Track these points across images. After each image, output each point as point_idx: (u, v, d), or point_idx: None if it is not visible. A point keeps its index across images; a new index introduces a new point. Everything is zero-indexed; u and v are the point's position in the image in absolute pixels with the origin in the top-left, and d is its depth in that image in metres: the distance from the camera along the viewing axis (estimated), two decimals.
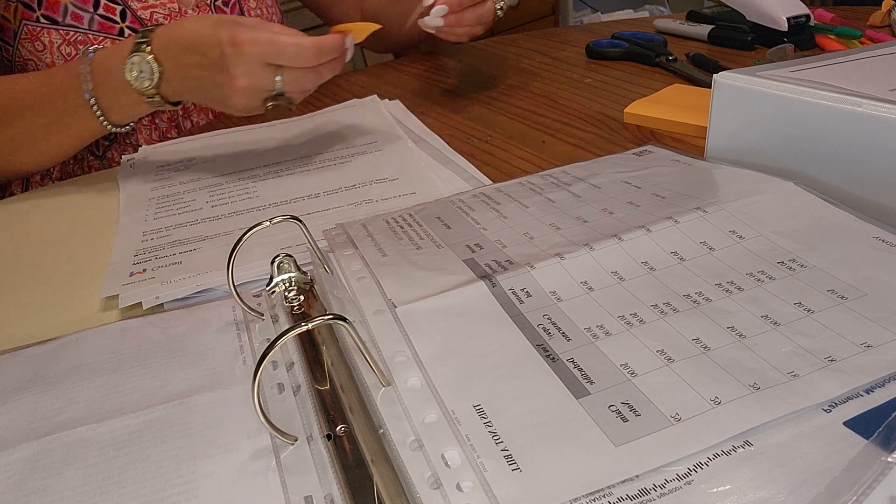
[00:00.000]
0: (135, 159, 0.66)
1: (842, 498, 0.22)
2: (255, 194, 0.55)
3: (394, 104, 0.71)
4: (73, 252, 0.50)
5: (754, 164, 0.44)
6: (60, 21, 0.66)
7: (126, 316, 0.41)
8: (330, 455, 0.27)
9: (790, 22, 0.73)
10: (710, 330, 0.30)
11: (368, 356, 0.29)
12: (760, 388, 0.27)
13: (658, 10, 2.24)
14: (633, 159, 0.50)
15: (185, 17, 0.66)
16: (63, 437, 0.30)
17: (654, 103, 0.62)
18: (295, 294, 0.37)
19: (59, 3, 0.66)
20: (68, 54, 0.68)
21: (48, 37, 0.66)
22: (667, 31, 0.88)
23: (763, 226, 0.37)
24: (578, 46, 0.86)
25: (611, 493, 0.24)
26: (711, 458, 0.24)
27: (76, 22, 0.67)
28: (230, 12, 0.75)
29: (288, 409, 0.30)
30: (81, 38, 0.67)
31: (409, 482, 0.25)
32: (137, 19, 0.68)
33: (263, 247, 0.44)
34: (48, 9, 0.66)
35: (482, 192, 0.48)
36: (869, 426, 0.24)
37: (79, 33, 0.67)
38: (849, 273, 0.32)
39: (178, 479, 0.28)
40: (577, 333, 0.31)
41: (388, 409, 0.28)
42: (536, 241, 0.39)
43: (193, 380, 0.33)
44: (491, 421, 0.27)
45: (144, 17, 0.69)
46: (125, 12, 0.68)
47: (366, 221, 0.45)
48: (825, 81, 0.42)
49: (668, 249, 0.36)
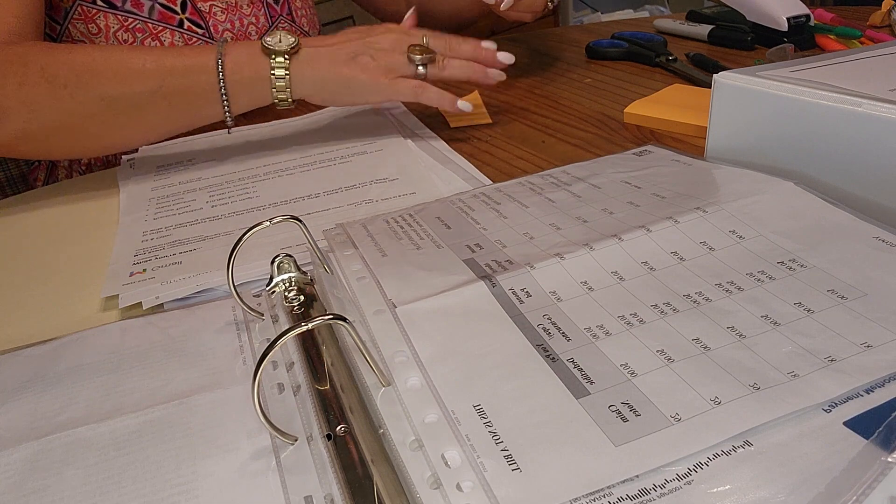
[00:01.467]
0: (135, 159, 0.66)
1: (842, 498, 0.22)
2: (255, 194, 0.55)
3: (394, 104, 0.71)
4: (73, 252, 0.50)
5: (754, 164, 0.44)
6: (119, 6, 0.65)
7: (126, 316, 0.41)
8: (330, 455, 0.27)
9: (790, 22, 0.73)
10: (710, 330, 0.30)
11: (368, 356, 0.29)
12: (760, 388, 0.27)
13: (658, 10, 2.24)
14: (633, 159, 0.50)
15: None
16: (63, 437, 0.30)
17: (654, 103, 0.62)
18: (295, 294, 0.37)
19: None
20: (125, 41, 0.68)
21: (104, 20, 0.65)
22: (667, 31, 0.88)
23: (763, 226, 0.37)
24: (578, 46, 0.86)
25: (611, 493, 0.24)
26: (711, 458, 0.24)
27: (136, 9, 0.66)
28: (279, 9, 0.75)
29: (288, 409, 0.30)
30: (140, 27, 0.66)
31: (409, 482, 0.25)
32: (196, 11, 0.68)
33: (263, 247, 0.44)
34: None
35: (482, 192, 0.48)
36: (869, 426, 0.24)
37: (138, 21, 0.66)
38: (849, 273, 0.32)
39: (178, 479, 0.28)
40: (577, 333, 0.31)
41: (388, 409, 0.28)
42: (536, 241, 0.39)
43: (193, 380, 0.33)
44: (491, 421, 0.27)
45: (203, 9, 0.69)
46: (185, 3, 0.68)
47: (366, 221, 0.45)
48: (825, 81, 0.42)
49: (668, 249, 0.36)
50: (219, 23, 0.68)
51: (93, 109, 0.55)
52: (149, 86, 0.55)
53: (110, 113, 0.55)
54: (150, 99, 0.55)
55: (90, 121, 0.55)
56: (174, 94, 0.56)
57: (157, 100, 0.55)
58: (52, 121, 0.54)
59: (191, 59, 0.56)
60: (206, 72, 0.56)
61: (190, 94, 0.56)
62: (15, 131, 0.54)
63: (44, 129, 0.54)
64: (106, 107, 0.55)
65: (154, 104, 0.56)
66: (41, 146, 0.57)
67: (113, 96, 0.54)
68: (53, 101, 0.53)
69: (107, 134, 0.57)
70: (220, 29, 0.68)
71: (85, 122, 0.55)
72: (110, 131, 0.57)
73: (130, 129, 0.58)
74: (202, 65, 0.56)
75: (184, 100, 0.56)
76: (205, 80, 0.56)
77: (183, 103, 0.57)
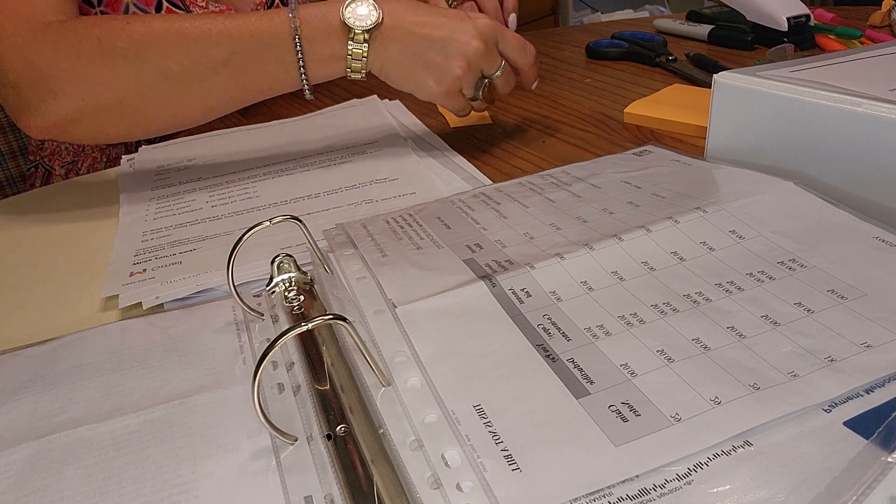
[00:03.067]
0: (135, 159, 0.66)
1: (842, 498, 0.22)
2: (255, 194, 0.55)
3: (394, 104, 0.71)
4: (73, 252, 0.50)
5: (754, 164, 0.44)
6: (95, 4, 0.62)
7: (126, 316, 0.41)
8: (330, 455, 0.27)
9: (790, 22, 0.73)
10: (710, 330, 0.30)
11: (368, 356, 0.29)
12: (760, 388, 0.27)
13: (658, 10, 2.24)
14: (633, 159, 0.50)
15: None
16: (63, 437, 0.30)
17: (654, 103, 0.62)
18: (295, 294, 0.37)
19: (122, 2, 0.62)
20: None
21: None
22: (667, 31, 0.88)
23: (763, 226, 0.37)
24: (578, 46, 0.86)
25: (611, 493, 0.24)
26: (711, 458, 0.24)
27: (110, 11, 0.63)
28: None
29: (288, 409, 0.30)
30: None
31: (409, 482, 0.25)
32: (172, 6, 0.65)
33: (263, 247, 0.44)
34: (108, 6, 0.62)
35: (482, 192, 0.48)
36: (869, 426, 0.24)
37: None
38: (849, 273, 0.32)
39: (178, 479, 0.28)
40: (577, 333, 0.31)
41: (388, 409, 0.28)
42: (536, 241, 0.39)
43: (193, 380, 0.33)
44: (491, 421, 0.27)
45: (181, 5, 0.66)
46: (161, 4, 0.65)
47: (366, 221, 0.45)
48: (825, 81, 0.42)
49: (668, 249, 0.36)
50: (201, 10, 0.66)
51: (154, 83, 0.51)
52: (216, 56, 0.51)
53: (173, 86, 0.52)
54: (218, 70, 0.51)
55: (151, 95, 0.52)
56: (245, 66, 0.52)
57: (225, 71, 0.51)
58: (111, 97, 0.51)
59: (262, 28, 0.51)
60: (280, 45, 0.52)
61: (263, 67, 0.52)
62: (70, 110, 0.50)
63: (101, 107, 0.51)
64: (168, 80, 0.51)
65: (221, 76, 0.52)
66: (97, 127, 0.53)
67: (176, 69, 0.51)
68: (112, 76, 0.50)
69: (168, 109, 0.53)
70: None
71: (145, 98, 0.52)
72: (172, 106, 0.53)
73: (194, 104, 0.54)
74: (273, 35, 0.51)
75: (256, 72, 0.53)
76: (280, 52, 0.52)
77: (254, 75, 0.53)
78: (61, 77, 0.50)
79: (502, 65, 0.55)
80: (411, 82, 0.55)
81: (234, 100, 0.55)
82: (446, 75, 0.53)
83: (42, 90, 0.50)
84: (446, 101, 0.56)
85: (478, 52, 0.53)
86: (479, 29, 0.53)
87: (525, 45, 0.57)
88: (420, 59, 0.53)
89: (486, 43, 0.53)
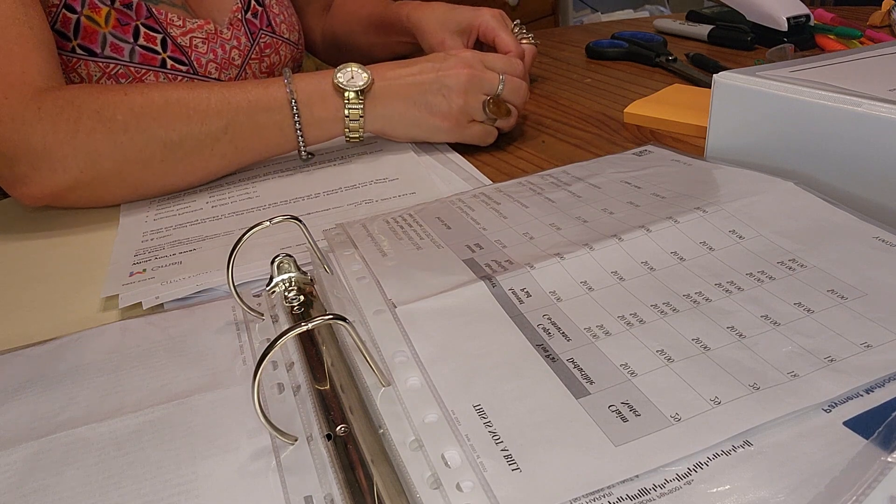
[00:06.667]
0: None
1: (842, 498, 0.22)
2: (255, 194, 0.55)
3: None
4: (73, 252, 0.50)
5: (754, 164, 0.44)
6: (99, 53, 0.61)
7: (126, 316, 0.41)
8: (330, 455, 0.27)
9: (790, 22, 0.73)
10: (710, 330, 0.30)
11: (368, 356, 0.29)
12: (760, 388, 0.27)
13: (658, 10, 2.24)
14: (633, 159, 0.50)
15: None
16: (63, 437, 0.30)
17: (654, 103, 0.62)
18: (295, 294, 0.37)
19: (98, 33, 0.61)
20: None
21: (86, 69, 0.61)
22: (667, 31, 0.88)
23: (763, 226, 0.37)
24: (578, 46, 0.87)
25: (611, 493, 0.24)
26: (711, 458, 0.24)
27: (116, 54, 0.62)
28: (259, 22, 0.72)
29: (288, 409, 0.30)
30: (123, 72, 0.62)
31: (409, 482, 0.25)
32: (178, 47, 0.64)
33: (263, 247, 0.44)
34: (85, 38, 0.61)
35: (482, 192, 0.48)
36: (869, 426, 0.24)
37: (119, 66, 0.62)
38: (849, 273, 0.32)
39: (178, 479, 0.28)
40: (577, 333, 0.31)
41: (387, 409, 0.28)
42: (536, 241, 0.39)
43: (193, 380, 0.33)
44: (491, 421, 0.27)
45: (184, 43, 0.65)
46: (166, 41, 0.63)
47: (366, 221, 0.45)
48: (825, 81, 0.42)
49: (668, 249, 0.36)
50: (201, 55, 0.65)
51: (155, 153, 0.52)
52: (215, 125, 0.53)
53: (173, 156, 0.53)
54: (218, 138, 0.53)
55: (151, 165, 0.53)
56: (243, 133, 0.54)
57: (224, 138, 0.53)
58: (109, 168, 0.51)
59: (259, 96, 0.54)
60: (277, 110, 0.54)
61: (261, 132, 0.54)
62: (67, 181, 0.51)
63: (100, 177, 0.52)
64: (169, 150, 0.52)
65: (221, 143, 0.54)
66: (95, 194, 0.53)
67: (176, 139, 0.52)
68: (112, 148, 0.51)
69: (167, 178, 0.55)
70: (204, 62, 0.65)
71: (145, 167, 0.53)
72: (171, 174, 0.54)
73: (193, 171, 0.55)
74: (271, 102, 0.54)
75: (254, 138, 0.55)
76: (278, 118, 0.54)
77: (253, 142, 0.55)
78: (59, 150, 0.50)
79: (502, 79, 0.57)
80: (421, 129, 0.57)
81: (232, 164, 0.57)
82: (451, 110, 0.56)
83: (38, 163, 0.50)
84: (464, 134, 0.58)
85: (470, 78, 0.56)
86: (463, 58, 0.57)
87: (510, 59, 0.60)
88: (420, 104, 0.56)
89: (474, 67, 0.56)
